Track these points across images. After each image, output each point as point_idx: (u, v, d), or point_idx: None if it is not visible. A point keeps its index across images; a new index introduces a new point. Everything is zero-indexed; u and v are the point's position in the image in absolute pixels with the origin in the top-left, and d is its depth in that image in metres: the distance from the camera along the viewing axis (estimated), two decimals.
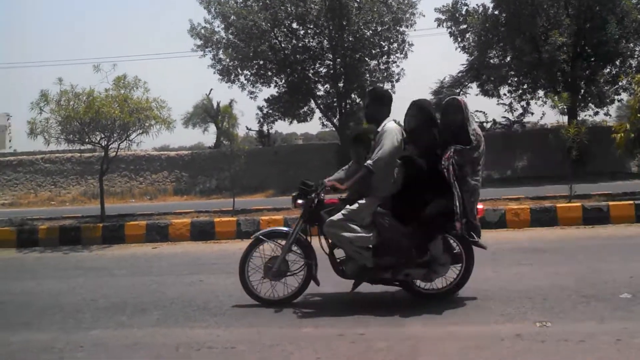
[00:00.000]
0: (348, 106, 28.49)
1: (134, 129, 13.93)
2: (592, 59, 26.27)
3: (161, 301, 7.36)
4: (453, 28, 28.35)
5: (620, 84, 25.50)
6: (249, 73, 28.51)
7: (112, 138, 14.07)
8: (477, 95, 30.12)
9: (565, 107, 15.41)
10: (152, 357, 5.40)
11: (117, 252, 11.84)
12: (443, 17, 28.16)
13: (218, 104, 38.27)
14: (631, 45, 25.88)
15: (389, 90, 9.98)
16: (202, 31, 27.67)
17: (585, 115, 28.32)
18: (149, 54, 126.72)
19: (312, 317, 6.37)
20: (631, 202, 12.04)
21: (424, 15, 28.86)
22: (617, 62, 26.57)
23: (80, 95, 13.48)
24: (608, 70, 26.69)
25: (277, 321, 6.30)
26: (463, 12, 27.90)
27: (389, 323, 6.03)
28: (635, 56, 26.84)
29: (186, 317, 6.63)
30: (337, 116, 28.85)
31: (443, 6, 28.10)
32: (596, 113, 27.72)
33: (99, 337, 6.10)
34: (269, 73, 28.60)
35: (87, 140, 14.07)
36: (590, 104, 26.86)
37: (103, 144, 14.21)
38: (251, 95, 29.21)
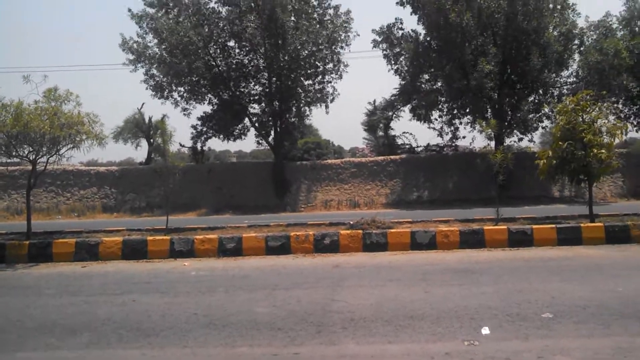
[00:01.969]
0: (283, 125, 28.60)
1: (64, 143, 13.49)
2: (518, 87, 27.47)
3: (92, 322, 7.19)
4: (388, 51, 29.07)
5: (543, 111, 26.78)
6: (183, 89, 28.20)
7: (41, 152, 13.58)
8: (410, 120, 30.93)
9: (492, 132, 16.05)
10: None
11: (44, 271, 11.44)
12: (379, 39, 28.87)
13: (150, 119, 37.70)
14: (553, 75, 27.26)
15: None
16: (135, 46, 27.23)
17: (511, 141, 29.54)
18: (80, 64, 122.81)
19: (246, 337, 6.38)
20: (553, 225, 12.66)
21: (358, 35, 29.46)
22: (541, 91, 27.91)
23: (7, 107, 12.97)
24: (532, 98, 27.96)
25: (212, 341, 6.27)
26: (398, 36, 28.69)
27: (322, 342, 6.12)
28: (557, 86, 28.30)
29: (119, 338, 6.51)
30: (272, 135, 28.90)
31: (380, 28, 28.83)
32: (521, 139, 28.98)
33: (26, 358, 5.91)
34: (203, 90, 28.37)
35: (14, 153, 13.55)
36: (515, 131, 28.01)
37: (31, 158, 13.69)
38: (184, 112, 28.91)
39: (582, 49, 27.61)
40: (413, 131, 59.96)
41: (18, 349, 6.24)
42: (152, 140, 37.23)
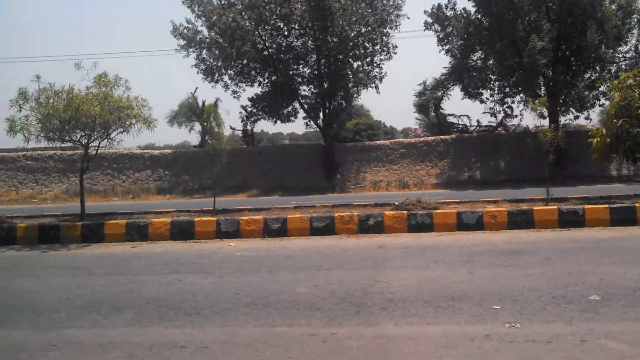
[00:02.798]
0: (332, 107, 28.54)
1: (114, 127, 13.85)
2: (573, 64, 26.53)
3: (137, 300, 7.38)
4: (439, 31, 28.52)
5: (600, 89, 25.78)
6: (233, 72, 28.42)
7: (93, 136, 13.99)
8: (462, 99, 30.35)
9: (544, 111, 15.56)
10: (126, 356, 5.42)
11: (96, 251, 11.81)
12: (431, 20, 28.33)
13: (203, 102, 38.21)
14: (611, 51, 26.17)
15: None
16: (185, 31, 27.59)
17: (566, 120, 28.62)
18: (132, 51, 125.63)
19: (285, 316, 6.42)
20: (606, 205, 12.20)
21: (408, 18, 28.87)
22: (597, 67, 26.89)
23: (59, 93, 13.37)
24: (589, 75, 26.98)
25: (251, 320, 6.34)
26: (448, 15, 28.07)
27: (361, 322, 6.10)
28: (615, 62, 27.16)
29: (161, 316, 6.65)
30: (321, 117, 28.90)
31: (431, 9, 28.27)
32: (576, 117, 28.03)
33: (73, 336, 6.12)
34: (253, 72, 28.52)
35: (67, 138, 14.00)
36: (570, 108, 27.12)
37: (83, 142, 14.12)
38: (235, 95, 29.19)
39: None
40: (465, 111, 58.83)
41: (66, 326, 6.46)
42: (205, 123, 37.72)
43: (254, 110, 29.46)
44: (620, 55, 27.33)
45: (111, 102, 13.52)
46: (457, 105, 71.06)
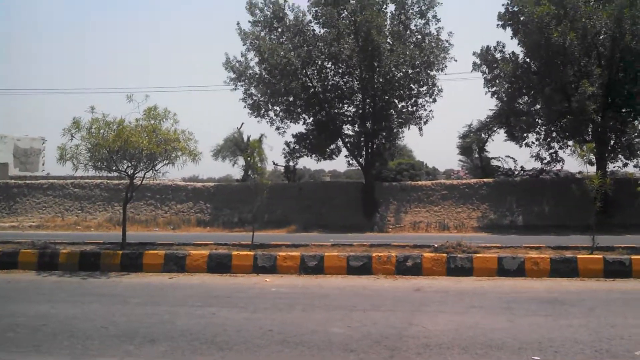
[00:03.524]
0: (375, 146, 28.56)
1: (160, 159, 14.14)
2: (623, 110, 26.02)
3: (171, 332, 7.40)
4: (487, 73, 28.38)
5: None
6: (279, 109, 28.80)
7: (139, 167, 14.31)
8: (505, 141, 29.99)
9: (590, 157, 15.20)
10: None
11: (134, 280, 11.95)
12: (478, 62, 28.24)
13: (248, 137, 38.68)
14: None
15: None
16: (237, 65, 28.18)
17: (615, 167, 27.92)
18: (183, 85, 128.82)
19: (317, 357, 6.32)
20: None
21: (455, 60, 28.83)
22: None
23: (110, 124, 13.77)
24: (638, 122, 26.37)
25: (284, 358, 6.28)
26: (497, 58, 27.95)
27: None
28: None
29: (193, 349, 6.65)
30: (364, 155, 28.91)
31: (480, 50, 28.17)
32: (625, 165, 27.30)
33: None
34: (298, 110, 28.82)
35: (114, 168, 14.32)
36: (619, 155, 26.51)
37: (129, 173, 14.44)
38: (279, 131, 29.47)
39: None
40: (508, 154, 58.09)
41: (99, 355, 6.52)
42: (249, 158, 38.10)
43: (297, 147, 29.67)
44: None
45: (159, 134, 13.83)
46: (501, 149, 70.15)
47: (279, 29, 28.06)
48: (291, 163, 31.95)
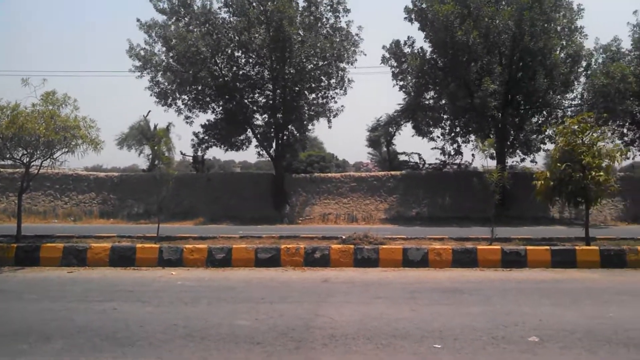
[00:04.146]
0: (285, 137, 28.54)
1: (59, 147, 13.41)
2: (522, 108, 27.37)
3: (68, 329, 7.05)
4: (395, 67, 29.01)
5: (546, 133, 26.58)
6: (187, 98, 28.19)
7: (35, 155, 13.51)
8: (412, 136, 30.83)
9: (491, 151, 15.86)
10: None
11: (29, 275, 11.30)
12: (387, 56, 28.81)
13: (155, 126, 37.65)
14: (558, 97, 27.15)
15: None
16: (141, 52, 27.26)
17: (513, 162, 29.39)
18: (84, 70, 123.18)
19: (222, 350, 6.23)
20: (548, 247, 12.47)
21: (365, 54, 29.29)
22: (545, 112, 27.83)
23: (4, 109, 12.93)
24: (536, 119, 27.87)
25: (187, 353, 6.13)
26: (406, 53, 28.62)
27: (300, 358, 5.98)
28: (562, 108, 28.16)
29: (92, 346, 6.36)
30: (274, 147, 28.83)
31: (389, 45, 28.75)
32: (523, 160, 28.79)
33: None
34: (207, 99, 28.31)
35: (7, 155, 13.47)
36: (518, 151, 27.90)
37: (25, 161, 13.61)
38: (187, 120, 28.85)
39: (588, 72, 27.50)
40: (415, 148, 59.97)
41: None
42: (155, 147, 37.09)
43: (206, 137, 29.19)
44: (567, 102, 28.42)
45: (57, 121, 13.11)
46: (409, 142, 72.71)
47: (187, 17, 27.41)
48: (200, 153, 31.41)
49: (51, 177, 28.06)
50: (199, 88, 27.65)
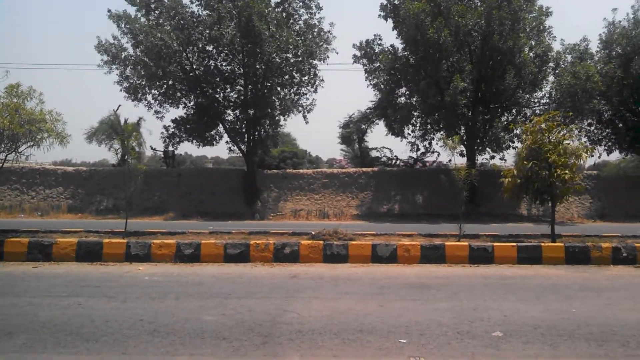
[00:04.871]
0: (257, 133, 28.42)
1: (24, 140, 13.19)
2: (491, 106, 27.64)
3: (32, 324, 6.94)
4: (367, 65, 29.09)
5: (515, 131, 26.92)
6: (157, 92, 27.89)
7: None
8: (386, 135, 30.96)
9: (461, 149, 16.04)
10: None
11: None
12: (359, 54, 28.88)
13: (125, 121, 37.17)
14: (527, 95, 27.52)
15: None
16: (110, 47, 26.84)
17: (483, 159, 29.72)
18: (51, 63, 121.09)
19: (189, 346, 6.19)
20: (514, 244, 12.65)
21: (337, 52, 29.31)
22: (514, 111, 28.19)
23: None
24: (505, 117, 28.21)
25: (152, 349, 6.08)
26: (377, 51, 28.73)
27: (267, 353, 5.96)
28: (530, 106, 28.54)
29: (56, 342, 6.27)
30: (245, 142, 28.68)
31: (360, 43, 28.82)
32: (492, 157, 29.14)
33: None
34: (178, 94, 28.03)
35: None
36: (487, 149, 28.19)
37: None
38: (158, 115, 28.55)
39: (557, 71, 27.92)
40: (387, 145, 60.33)
41: None
42: (125, 142, 36.64)
43: (177, 132, 28.93)
44: (536, 101, 28.76)
45: (22, 114, 12.88)
46: (381, 139, 72.96)
47: (157, 10, 27.10)
48: (170, 148, 31.11)
49: (17, 172, 27.55)
50: (169, 83, 27.37)
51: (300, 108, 28.65)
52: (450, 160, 15.68)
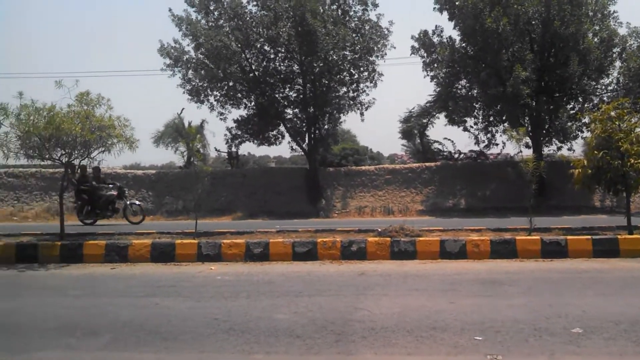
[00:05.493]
0: (317, 131, 28.54)
1: (95, 146, 13.69)
2: (556, 95, 26.77)
3: (113, 324, 7.24)
4: (425, 57, 28.68)
5: (582, 120, 25.97)
6: (219, 94, 28.33)
7: (73, 155, 13.80)
8: (445, 125, 30.48)
9: (524, 140, 15.56)
10: None
11: (74, 272, 11.59)
12: (417, 46, 28.49)
13: (189, 123, 38.03)
14: (593, 83, 26.49)
15: None
16: (172, 50, 27.50)
17: (550, 150, 28.81)
18: (117, 70, 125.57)
19: (263, 344, 6.30)
20: (589, 237, 12.23)
21: (394, 47, 28.95)
22: (580, 99, 27.18)
23: (41, 111, 13.16)
24: (571, 105, 27.27)
25: (229, 347, 6.22)
26: (435, 42, 28.28)
27: (340, 351, 6.00)
28: (597, 93, 27.48)
29: (137, 341, 6.52)
30: (307, 141, 28.86)
31: (418, 35, 28.41)
32: (559, 148, 28.15)
33: (44, 359, 5.95)
34: (239, 95, 28.41)
35: (47, 156, 13.75)
36: (553, 139, 27.32)
37: (64, 161, 13.93)
38: (220, 117, 29.01)
39: (623, 55, 26.76)
40: (447, 137, 59.38)
41: (38, 349, 6.31)
42: (190, 144, 37.48)
43: (239, 133, 29.35)
44: (602, 87, 27.66)
45: (93, 121, 13.34)
46: (442, 133, 72.02)
47: (216, 12, 27.55)
48: (234, 149, 31.61)
49: (91, 176, 28.57)
50: (230, 84, 27.77)
51: (359, 105, 28.55)
52: (519, 153, 15.20)
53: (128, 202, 19.56)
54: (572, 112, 26.65)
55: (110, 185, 20.03)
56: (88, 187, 19.98)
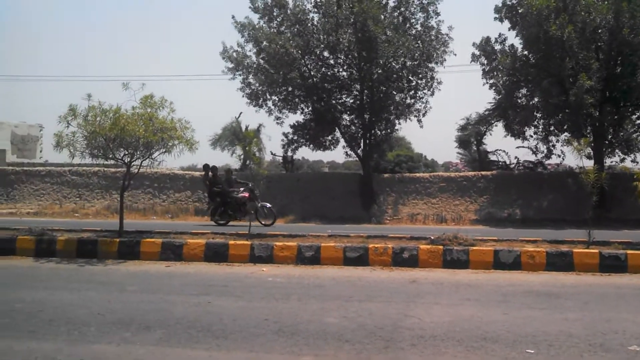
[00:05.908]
0: (372, 137, 28.50)
1: (157, 147, 14.11)
2: (621, 105, 25.93)
3: (167, 320, 7.43)
4: (485, 64, 28.23)
5: None
6: (277, 99, 28.62)
7: (135, 155, 14.28)
8: (505, 137, 29.89)
9: (585, 151, 15.11)
10: None
11: (131, 268, 11.96)
12: (478, 53, 28.07)
13: (247, 127, 38.57)
14: None
15: None
16: (234, 54, 28.01)
17: (612, 162, 27.87)
18: (180, 74, 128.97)
19: (312, 346, 6.35)
20: None
21: (455, 54, 28.56)
22: None
23: (107, 112, 13.70)
24: (636, 116, 26.34)
25: (278, 347, 6.30)
26: (496, 50, 27.80)
27: (390, 358, 6.00)
28: None
29: (189, 337, 6.68)
30: (361, 147, 28.85)
31: (480, 42, 27.98)
32: (623, 160, 27.21)
33: (101, 351, 6.18)
34: (297, 100, 28.67)
35: (110, 156, 14.27)
36: (617, 150, 26.46)
37: (126, 161, 14.42)
38: (277, 121, 29.32)
39: None
40: (506, 148, 58.26)
41: (95, 341, 6.54)
42: (247, 148, 38.01)
43: (295, 138, 29.60)
44: None
45: (155, 123, 13.75)
46: (500, 142, 70.58)
47: (279, 17, 27.90)
48: (289, 153, 31.91)
49: (150, 176, 29.39)
50: (289, 89, 28.04)
51: (416, 112, 28.34)
52: (581, 167, 14.76)
53: (259, 205, 19.67)
54: (637, 122, 25.72)
55: (242, 188, 20.11)
56: (220, 188, 20.59)
